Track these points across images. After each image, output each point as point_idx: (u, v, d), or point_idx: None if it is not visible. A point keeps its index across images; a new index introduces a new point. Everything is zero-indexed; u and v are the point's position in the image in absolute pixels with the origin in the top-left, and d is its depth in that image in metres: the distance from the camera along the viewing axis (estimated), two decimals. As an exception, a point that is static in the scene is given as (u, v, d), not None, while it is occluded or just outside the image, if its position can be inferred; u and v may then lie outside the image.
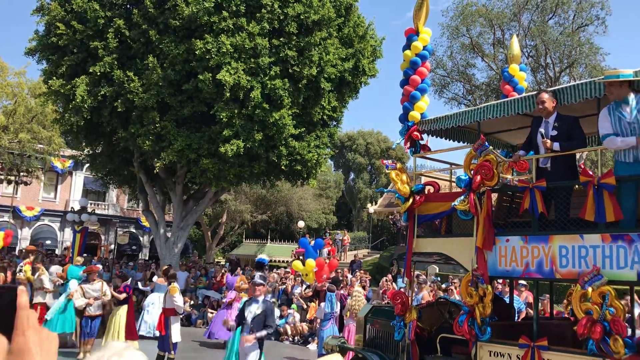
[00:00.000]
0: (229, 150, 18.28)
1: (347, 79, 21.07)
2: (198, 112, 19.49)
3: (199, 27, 18.79)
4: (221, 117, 18.38)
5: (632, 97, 5.63)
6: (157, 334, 11.84)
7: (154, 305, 15.55)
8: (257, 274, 8.50)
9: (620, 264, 5.33)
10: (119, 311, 11.91)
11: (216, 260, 37.80)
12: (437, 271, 23.09)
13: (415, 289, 13.81)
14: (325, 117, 21.32)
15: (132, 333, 11.65)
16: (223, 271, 20.92)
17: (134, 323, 12.13)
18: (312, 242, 12.68)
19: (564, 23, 33.49)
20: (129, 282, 12.91)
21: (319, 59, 19.29)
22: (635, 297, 11.24)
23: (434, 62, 36.21)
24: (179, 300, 10.83)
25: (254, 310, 7.98)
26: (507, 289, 10.35)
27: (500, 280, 11.58)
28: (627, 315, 8.17)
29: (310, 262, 11.00)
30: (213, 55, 18.05)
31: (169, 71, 18.72)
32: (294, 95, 19.29)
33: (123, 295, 12.01)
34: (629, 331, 7.13)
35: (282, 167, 20.18)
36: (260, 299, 8.11)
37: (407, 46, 8.01)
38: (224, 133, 18.50)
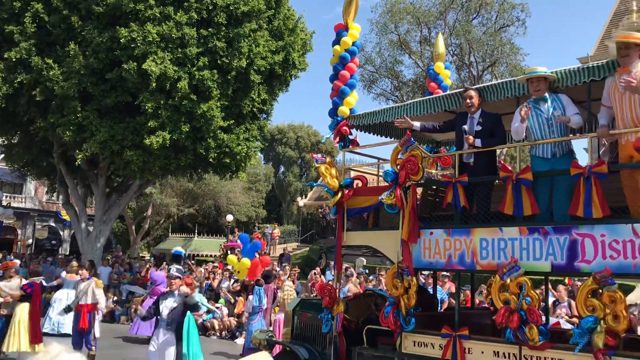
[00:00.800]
0: (155, 142, 17.79)
1: (277, 72, 20.97)
2: (122, 102, 18.83)
3: (124, 15, 18.15)
4: (146, 107, 17.85)
5: (549, 95, 5.90)
6: (62, 330, 11.22)
7: (60, 302, 14.88)
8: (174, 267, 8.32)
9: (536, 255, 5.59)
10: (20, 311, 11.00)
11: (141, 255, 36.81)
12: (365, 263, 23.47)
13: (343, 282, 13.99)
14: (255, 109, 21.14)
15: (36, 336, 10.75)
16: (148, 266, 20.40)
17: (38, 325, 11.14)
18: (238, 237, 12.58)
19: (487, 23, 34.79)
20: (40, 279, 12.09)
21: (249, 51, 19.08)
22: (550, 286, 11.86)
23: (363, 58, 36.67)
24: (101, 295, 10.46)
25: (169, 304, 7.80)
26: (431, 280, 10.66)
27: (425, 272, 11.90)
28: (541, 304, 8.60)
29: (246, 261, 10.93)
30: (138, 44, 17.49)
31: (91, 59, 17.98)
32: (222, 86, 19.00)
33: (18, 293, 10.99)
34: (543, 319, 7.52)
35: (210, 160, 19.86)
36: (177, 292, 7.94)
37: (337, 41, 8.05)
38: (149, 124, 17.99)
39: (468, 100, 6.44)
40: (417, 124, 7.00)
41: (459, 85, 31.90)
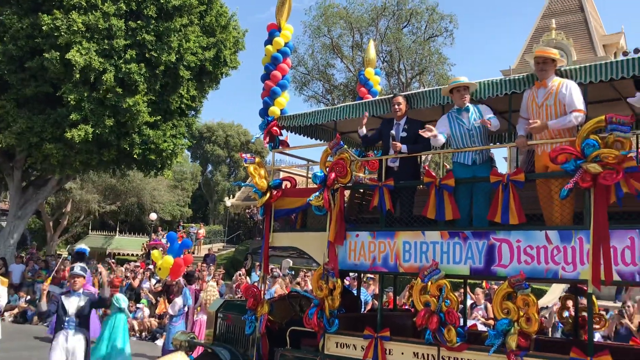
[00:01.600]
0: (77, 136, 17.10)
1: (208, 69, 20.65)
2: (42, 93, 17.98)
3: (47, 1, 17.34)
4: (69, 99, 17.13)
5: (471, 106, 6.11)
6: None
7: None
8: (77, 265, 7.96)
9: (456, 259, 5.77)
10: None
11: (58, 252, 35.23)
12: (291, 265, 23.50)
13: (270, 283, 13.94)
14: (183, 106, 20.72)
15: None
16: (65, 264, 19.54)
17: None
18: (164, 235, 12.23)
19: (417, 32, 35.69)
20: None
21: (179, 46, 18.70)
22: (468, 289, 12.28)
23: (296, 60, 36.77)
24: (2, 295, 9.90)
25: (75, 303, 7.48)
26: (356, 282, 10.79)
27: (351, 274, 12.03)
28: (460, 306, 8.89)
29: (169, 259, 10.64)
30: (62, 33, 16.77)
31: (9, 46, 17.06)
32: (150, 81, 18.51)
33: None
34: (461, 321, 7.77)
35: (135, 156, 19.30)
36: (81, 290, 7.63)
37: (269, 41, 8.02)
38: (71, 117, 17.27)
39: (396, 107, 6.57)
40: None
41: (389, 91, 32.55)
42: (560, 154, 5.14)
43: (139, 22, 18.23)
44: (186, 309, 11.59)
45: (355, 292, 9.01)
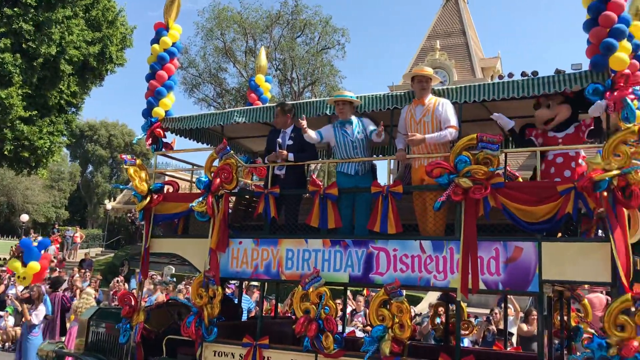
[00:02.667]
0: (-62, 127, 15.61)
1: (92, 64, 19.69)
2: None
3: None
4: None
5: (355, 118, 6.27)
6: None
7: None
8: None
9: (336, 267, 5.89)
10: None
11: None
12: (174, 272, 22.83)
13: (150, 290, 13.43)
14: (63, 102, 19.57)
15: None
16: None
17: None
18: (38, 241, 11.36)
19: (310, 43, 36.26)
20: None
21: (60, 38, 17.65)
22: (351, 296, 12.57)
23: (186, 61, 35.99)
24: None
25: None
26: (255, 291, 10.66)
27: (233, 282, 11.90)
28: (340, 313, 9.06)
29: (34, 265, 9.91)
30: None
31: None
32: (26, 73, 17.31)
33: None
34: (340, 328, 7.92)
35: (6, 153, 17.90)
36: None
37: (156, 40, 7.78)
38: None
39: (280, 116, 6.59)
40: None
41: (281, 99, 32.74)
42: (435, 168, 5.42)
43: (15, 9, 16.99)
44: (49, 317, 10.82)
45: (237, 300, 8.91)
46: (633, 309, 4.61)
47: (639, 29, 6.18)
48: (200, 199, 6.66)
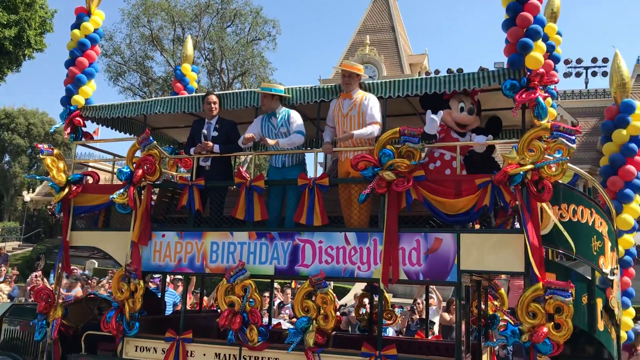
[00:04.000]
0: None
1: (8, 48, 18.63)
2: None
3: None
4: None
5: (282, 111, 6.22)
6: None
7: None
8: None
9: (262, 259, 5.88)
10: None
11: None
12: (97, 266, 22.11)
13: (70, 285, 12.91)
14: (-25, 87, 18.44)
15: None
16: None
17: None
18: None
19: (241, 33, 35.84)
20: None
21: (-28, 20, 16.63)
22: (279, 288, 12.57)
23: (111, 48, 34.79)
24: None
25: None
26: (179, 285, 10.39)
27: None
28: (267, 305, 9.04)
29: None
30: None
31: None
32: None
33: None
34: (265, 321, 7.91)
35: None
36: None
37: (77, 25, 7.45)
38: None
39: (208, 106, 6.49)
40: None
41: (210, 89, 32.19)
42: (360, 162, 5.49)
43: None
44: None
45: (164, 293, 8.71)
46: (544, 297, 4.85)
47: (553, 30, 6.52)
48: (122, 190, 6.47)
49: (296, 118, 6.19)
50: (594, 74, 27.96)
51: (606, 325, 5.39)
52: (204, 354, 5.93)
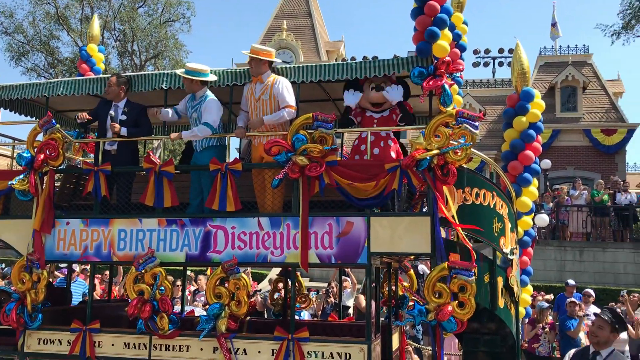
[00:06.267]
0: None
1: None
2: None
3: None
4: None
5: (201, 95, 6.06)
6: None
7: None
8: None
9: (172, 246, 5.76)
10: None
11: None
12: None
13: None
14: None
15: None
16: None
17: None
18: None
19: (153, 14, 34.61)
20: None
21: None
22: (193, 276, 12.39)
23: (12, 25, 32.68)
24: None
25: None
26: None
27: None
28: (180, 293, 8.91)
29: None
30: None
31: None
32: None
33: None
34: (177, 308, 7.79)
35: None
36: None
37: (-32, -2, 6.93)
38: None
39: (108, 88, 6.22)
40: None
41: (121, 71, 30.97)
42: (274, 146, 5.47)
43: None
44: None
45: (69, 282, 8.35)
46: (449, 277, 5.06)
47: (459, 19, 6.76)
48: (22, 176, 6.13)
49: (211, 108, 5.94)
50: (501, 64, 29.30)
51: (506, 303, 5.72)
52: (113, 344, 5.76)
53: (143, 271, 5.59)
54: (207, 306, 8.89)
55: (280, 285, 7.87)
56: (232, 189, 5.67)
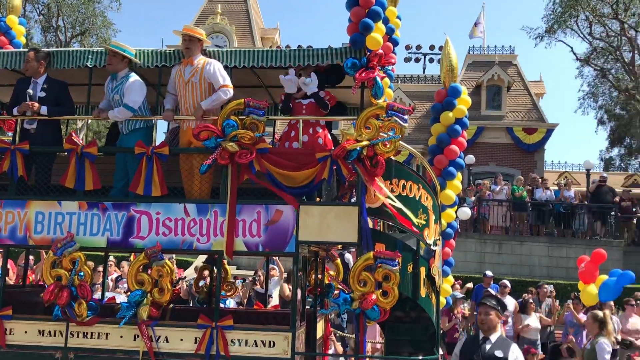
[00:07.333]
0: None
1: None
2: None
3: None
4: None
5: (123, 75, 5.83)
6: None
7: None
8: None
9: (93, 230, 5.57)
10: None
11: None
12: None
13: None
14: None
15: None
16: None
17: None
18: None
19: (81, -11, 33.12)
20: None
21: None
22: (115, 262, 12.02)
23: None
24: None
25: None
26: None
27: None
28: (102, 279, 8.61)
29: None
30: None
31: None
32: None
33: None
34: (98, 295, 7.55)
35: None
36: None
37: None
38: None
39: (28, 64, 5.88)
40: None
41: (45, 46, 29.49)
42: (203, 131, 5.37)
43: None
44: None
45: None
46: (374, 267, 5.14)
47: (393, 13, 6.84)
48: None
49: (133, 89, 5.70)
50: (432, 60, 29.97)
51: (427, 292, 5.88)
52: (26, 332, 5.50)
53: (61, 256, 5.37)
54: (129, 293, 8.66)
55: (206, 273, 7.76)
56: (158, 174, 5.52)
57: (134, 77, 5.81)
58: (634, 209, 17.38)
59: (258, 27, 32.33)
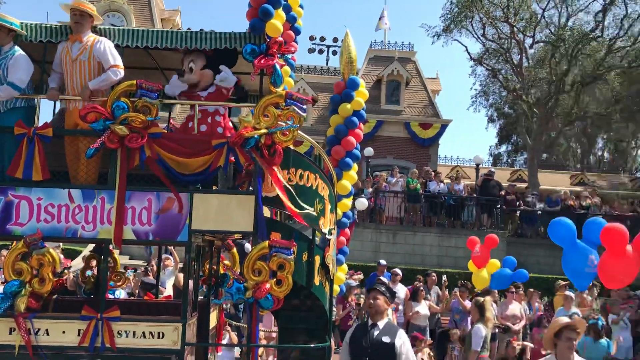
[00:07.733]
0: None
1: None
2: None
3: None
4: None
5: (7, 50, 5.38)
6: None
7: None
8: None
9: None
10: None
11: None
12: None
13: None
14: None
15: None
16: None
17: None
18: None
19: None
20: None
21: None
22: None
23: None
24: None
25: None
26: None
27: None
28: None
29: None
30: None
31: None
32: None
33: None
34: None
35: None
36: None
37: None
38: None
39: None
40: None
41: None
42: (90, 113, 5.08)
43: None
44: None
45: None
46: (269, 256, 5.11)
47: (296, 2, 6.81)
48: None
49: (19, 65, 5.28)
50: (335, 52, 30.38)
51: (321, 281, 5.95)
52: None
53: None
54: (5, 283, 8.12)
55: (94, 262, 7.38)
56: (39, 156, 5.15)
57: (19, 51, 5.37)
58: (517, 203, 18.55)
59: (158, 8, 31.20)
